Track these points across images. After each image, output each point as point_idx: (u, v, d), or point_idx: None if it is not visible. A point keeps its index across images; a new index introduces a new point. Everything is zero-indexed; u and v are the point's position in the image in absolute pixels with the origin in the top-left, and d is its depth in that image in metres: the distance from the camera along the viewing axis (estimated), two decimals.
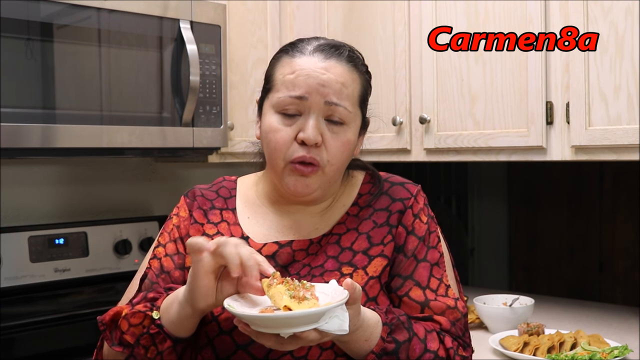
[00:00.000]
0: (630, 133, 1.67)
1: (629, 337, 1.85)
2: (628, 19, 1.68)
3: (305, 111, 1.15)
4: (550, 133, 1.85)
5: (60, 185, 2.31)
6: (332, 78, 1.14)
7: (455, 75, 2.03)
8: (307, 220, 1.23)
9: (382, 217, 1.21)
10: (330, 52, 1.17)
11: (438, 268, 1.20)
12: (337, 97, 1.14)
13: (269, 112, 1.18)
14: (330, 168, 1.16)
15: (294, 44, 1.20)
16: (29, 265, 2.09)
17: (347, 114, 1.16)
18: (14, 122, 1.74)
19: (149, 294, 1.13)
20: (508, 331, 1.88)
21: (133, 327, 1.09)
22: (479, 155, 2.01)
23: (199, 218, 1.25)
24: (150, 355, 1.08)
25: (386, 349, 1.08)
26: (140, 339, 1.08)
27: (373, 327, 1.07)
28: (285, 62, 1.18)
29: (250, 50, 2.32)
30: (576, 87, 1.77)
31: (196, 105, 2.06)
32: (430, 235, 1.22)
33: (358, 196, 1.25)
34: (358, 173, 1.29)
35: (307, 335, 0.94)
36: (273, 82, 1.19)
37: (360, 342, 1.06)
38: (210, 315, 1.14)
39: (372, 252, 1.18)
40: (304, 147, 1.14)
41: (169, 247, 1.24)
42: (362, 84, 1.20)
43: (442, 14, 2.06)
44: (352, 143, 1.19)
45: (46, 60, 1.81)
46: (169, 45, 2.03)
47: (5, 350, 1.88)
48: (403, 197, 1.22)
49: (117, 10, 1.92)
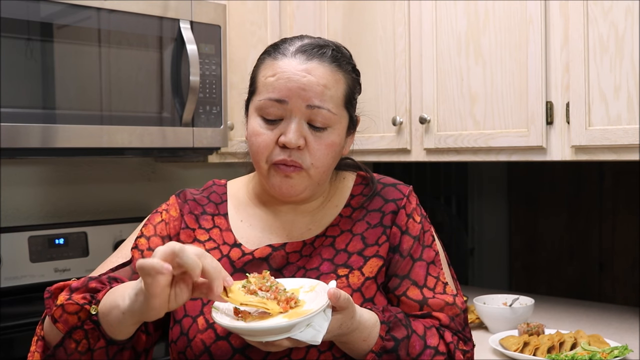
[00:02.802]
0: (630, 133, 1.67)
1: (629, 337, 1.85)
2: (628, 19, 1.68)
3: (287, 115, 1.13)
4: (550, 133, 1.85)
5: (60, 185, 2.31)
6: (314, 81, 1.13)
7: (455, 75, 2.03)
8: (299, 220, 1.22)
9: (376, 218, 1.21)
10: (312, 54, 1.15)
11: (434, 266, 1.20)
12: (319, 100, 1.13)
13: (253, 115, 1.17)
14: (316, 171, 1.16)
15: (277, 45, 1.19)
16: (29, 265, 2.09)
17: (331, 116, 1.15)
18: (14, 122, 1.74)
19: (90, 283, 1.08)
20: (508, 331, 1.88)
21: (68, 314, 1.04)
22: (479, 155, 2.01)
23: (190, 223, 1.23)
24: (80, 349, 1.03)
25: (385, 347, 1.08)
26: (73, 331, 1.03)
27: (371, 327, 1.08)
28: (268, 65, 1.17)
29: (250, 50, 2.32)
30: (576, 87, 1.77)
31: (196, 105, 2.06)
32: (425, 234, 1.22)
33: (350, 197, 1.24)
34: (349, 174, 1.29)
35: (280, 343, 0.96)
36: (256, 84, 1.18)
37: (359, 342, 1.07)
38: (206, 323, 1.13)
39: (367, 253, 1.18)
40: (285, 151, 1.13)
41: (153, 240, 1.21)
42: (347, 83, 1.18)
43: (442, 14, 2.06)
44: (337, 145, 1.18)
45: (46, 60, 1.81)
46: (169, 45, 2.03)
47: (5, 350, 1.88)
48: (396, 198, 1.22)
49: (117, 10, 1.92)
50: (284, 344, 0.97)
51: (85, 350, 1.03)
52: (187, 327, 1.14)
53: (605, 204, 3.89)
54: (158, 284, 0.90)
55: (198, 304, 1.16)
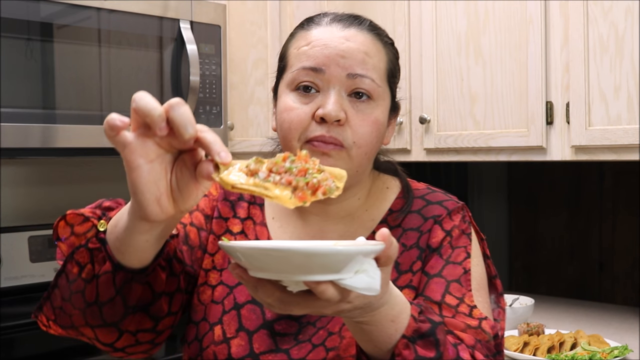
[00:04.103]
0: (630, 133, 1.67)
1: (629, 337, 1.85)
2: (628, 19, 1.68)
3: (324, 86, 0.98)
4: (550, 133, 1.85)
5: (60, 185, 2.31)
6: (354, 47, 0.98)
7: (455, 75, 2.03)
8: (330, 229, 1.05)
9: (412, 237, 1.03)
10: (350, 22, 1.01)
11: (459, 286, 0.98)
12: (361, 67, 0.97)
13: (284, 93, 1.01)
14: (358, 151, 0.98)
15: (309, 18, 1.05)
16: (29, 265, 2.09)
17: (375, 87, 0.99)
18: (14, 122, 1.74)
19: (104, 202, 0.94)
20: (508, 331, 1.88)
21: (75, 235, 0.89)
22: (479, 155, 2.01)
23: (224, 211, 1.08)
24: (84, 276, 0.85)
25: (420, 330, 0.84)
26: (75, 252, 0.86)
27: (402, 303, 0.84)
28: (300, 36, 1.02)
29: (250, 50, 2.32)
30: (576, 87, 1.77)
31: (196, 105, 2.06)
32: (455, 249, 1.02)
33: (388, 212, 1.06)
34: (393, 183, 1.11)
35: (324, 291, 0.69)
36: (287, 58, 1.03)
37: (385, 323, 0.82)
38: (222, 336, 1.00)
39: (399, 283, 0.99)
40: (323, 126, 0.96)
41: (196, 216, 1.06)
42: (388, 56, 1.04)
43: (442, 14, 2.06)
44: (381, 124, 1.01)
45: (46, 60, 1.81)
46: (169, 45, 2.03)
47: (5, 350, 1.88)
48: (436, 215, 1.04)
49: (117, 10, 1.92)
50: (328, 293, 0.69)
51: (90, 278, 0.85)
52: (202, 334, 1.03)
53: (605, 204, 3.89)
54: (122, 144, 0.70)
55: (219, 310, 1.03)
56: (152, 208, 0.72)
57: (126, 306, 0.86)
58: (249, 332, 1.01)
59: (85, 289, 0.85)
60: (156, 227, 0.77)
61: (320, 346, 0.98)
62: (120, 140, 0.69)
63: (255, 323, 1.01)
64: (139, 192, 0.71)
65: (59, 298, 0.89)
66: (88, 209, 0.91)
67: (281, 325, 1.01)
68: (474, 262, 1.03)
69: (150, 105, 0.68)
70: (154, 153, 0.71)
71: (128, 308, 0.86)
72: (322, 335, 0.99)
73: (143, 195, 0.72)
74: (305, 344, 0.99)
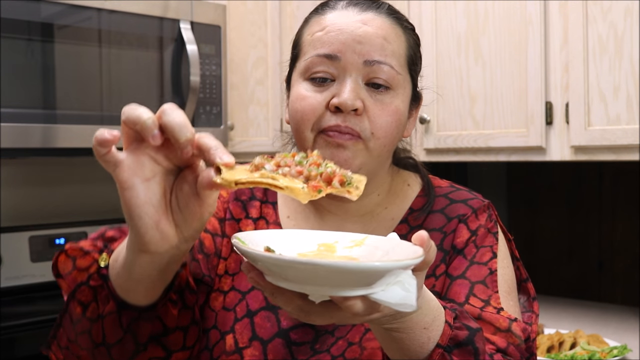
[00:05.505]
0: (630, 133, 1.68)
1: (629, 336, 1.86)
2: (627, 20, 1.68)
3: (339, 74, 0.91)
4: (550, 133, 1.85)
5: (61, 185, 2.31)
6: (371, 32, 0.91)
7: (455, 75, 2.03)
8: (349, 227, 0.98)
9: (435, 239, 0.94)
10: (367, 5, 0.94)
11: (484, 287, 0.91)
12: (379, 54, 0.91)
13: (297, 82, 0.94)
14: (376, 143, 0.91)
15: (324, 2, 0.98)
16: (30, 265, 2.10)
17: (394, 74, 0.92)
18: (15, 122, 1.74)
19: (108, 232, 0.87)
20: None
21: (77, 270, 0.82)
22: (479, 155, 2.01)
23: (236, 212, 1.01)
24: (89, 315, 0.78)
25: (457, 338, 0.75)
26: (77, 290, 0.79)
27: (436, 309, 0.74)
28: (314, 21, 0.96)
29: (250, 50, 2.32)
30: (575, 88, 1.77)
31: (196, 105, 2.06)
32: (480, 249, 0.95)
33: (409, 211, 1.00)
34: (414, 180, 1.04)
35: (352, 305, 0.60)
36: (300, 45, 0.97)
37: (418, 330, 0.73)
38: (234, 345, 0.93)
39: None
40: (338, 115, 0.89)
41: (209, 221, 0.99)
42: (408, 42, 0.97)
43: (442, 14, 2.06)
44: (402, 114, 0.94)
45: (47, 61, 1.82)
46: (169, 46, 2.03)
47: (5, 350, 1.88)
48: (460, 214, 0.98)
49: (117, 11, 1.92)
50: (356, 307, 0.60)
51: (95, 317, 0.78)
52: (212, 343, 0.95)
53: (604, 203, 3.89)
54: (112, 162, 0.65)
55: (230, 317, 0.96)
56: (151, 235, 0.66)
57: (137, 343, 0.80)
58: (263, 341, 0.94)
59: (91, 329, 0.79)
60: (158, 260, 0.70)
61: (339, 357, 0.91)
62: (111, 159, 0.64)
63: (270, 331, 0.94)
64: (135, 215, 0.65)
65: (65, 339, 0.84)
66: (89, 240, 0.86)
67: (297, 334, 0.94)
68: (502, 263, 0.96)
69: (139, 111, 0.64)
70: (149, 171, 0.65)
71: (139, 345, 0.81)
72: (341, 346, 0.92)
73: (140, 220, 0.65)
74: (323, 355, 0.92)
